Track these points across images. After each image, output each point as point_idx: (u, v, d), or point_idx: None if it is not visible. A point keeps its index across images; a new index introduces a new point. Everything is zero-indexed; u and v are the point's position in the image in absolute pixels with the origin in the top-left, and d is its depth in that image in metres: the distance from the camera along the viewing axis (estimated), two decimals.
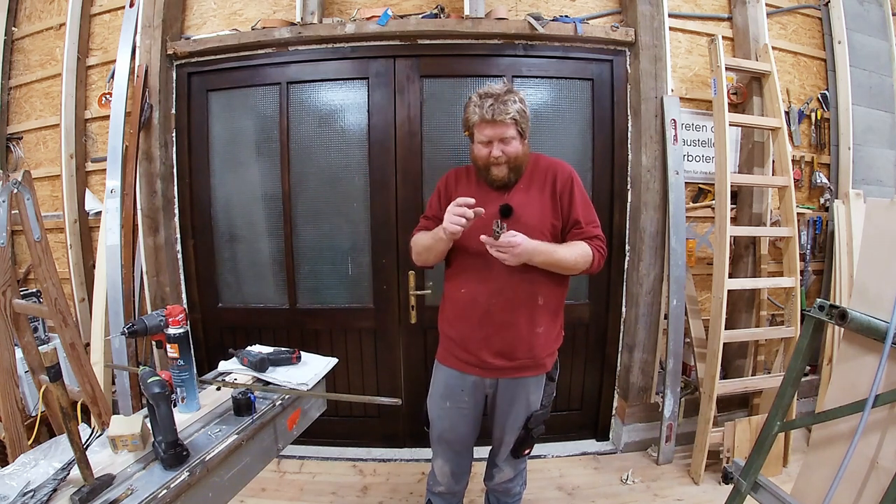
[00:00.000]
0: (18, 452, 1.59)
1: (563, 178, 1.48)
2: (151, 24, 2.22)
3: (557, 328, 1.54)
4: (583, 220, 1.46)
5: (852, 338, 1.20)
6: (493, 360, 1.46)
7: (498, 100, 1.36)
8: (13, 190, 1.58)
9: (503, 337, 1.44)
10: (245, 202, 2.41)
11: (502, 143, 1.39)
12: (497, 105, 1.35)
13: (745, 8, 2.35)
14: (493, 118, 1.36)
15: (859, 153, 2.52)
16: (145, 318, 1.25)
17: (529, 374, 1.49)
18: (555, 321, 1.52)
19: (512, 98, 1.37)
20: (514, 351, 1.45)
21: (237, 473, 1.16)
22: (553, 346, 1.53)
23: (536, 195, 1.46)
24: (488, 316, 1.44)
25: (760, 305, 2.48)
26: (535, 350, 1.47)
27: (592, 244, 1.45)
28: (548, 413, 1.56)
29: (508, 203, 1.43)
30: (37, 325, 2.28)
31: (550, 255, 1.37)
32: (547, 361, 1.51)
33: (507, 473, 1.63)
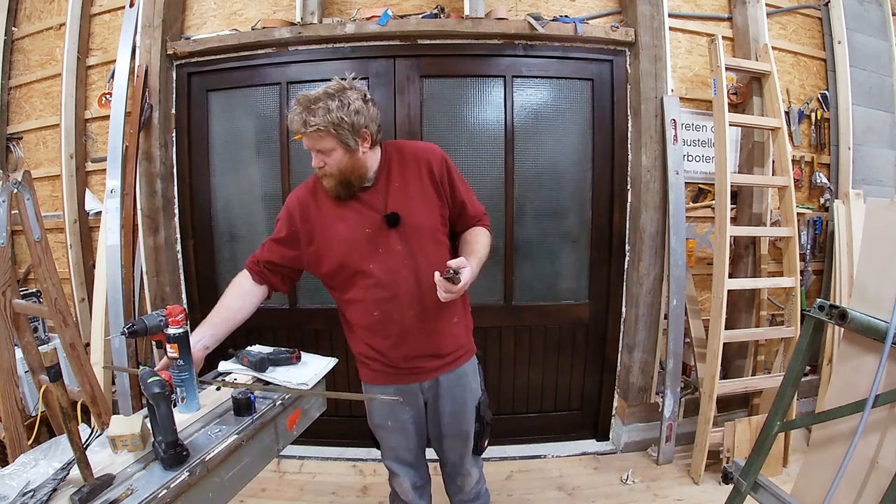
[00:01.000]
0: (18, 452, 1.59)
1: (438, 162, 1.35)
2: (151, 24, 2.22)
3: (466, 307, 1.50)
4: (468, 202, 1.41)
5: (852, 338, 1.20)
6: (425, 363, 1.40)
7: (308, 108, 1.18)
8: (13, 190, 1.58)
9: (428, 341, 1.38)
10: (245, 202, 2.41)
11: (321, 154, 1.23)
12: (305, 114, 1.18)
13: (745, 8, 2.35)
14: (299, 129, 1.20)
15: (859, 153, 2.52)
16: (145, 318, 1.25)
17: (464, 362, 1.46)
18: (464, 306, 1.48)
19: (327, 104, 1.18)
20: (441, 348, 1.40)
21: (237, 473, 1.16)
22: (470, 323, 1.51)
23: (416, 190, 1.32)
24: (408, 330, 1.35)
25: (760, 305, 2.48)
26: (459, 339, 1.44)
27: (483, 223, 1.44)
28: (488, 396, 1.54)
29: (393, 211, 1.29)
30: (37, 325, 2.28)
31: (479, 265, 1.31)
32: (471, 344, 1.50)
33: (473, 475, 1.56)
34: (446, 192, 1.36)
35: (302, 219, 1.37)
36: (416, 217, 1.31)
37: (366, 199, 1.32)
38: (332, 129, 1.18)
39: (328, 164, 1.24)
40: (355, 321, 1.43)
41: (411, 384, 1.43)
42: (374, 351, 1.41)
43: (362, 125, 1.23)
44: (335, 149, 1.22)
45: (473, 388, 1.48)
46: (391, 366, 1.41)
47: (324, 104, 1.18)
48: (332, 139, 1.20)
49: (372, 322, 1.37)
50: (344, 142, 1.21)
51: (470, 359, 1.49)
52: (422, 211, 1.32)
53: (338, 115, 1.18)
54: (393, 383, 1.43)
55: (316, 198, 1.37)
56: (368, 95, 1.28)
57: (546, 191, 2.33)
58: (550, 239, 2.38)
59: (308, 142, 1.23)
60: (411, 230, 1.30)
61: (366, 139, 1.25)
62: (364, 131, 1.24)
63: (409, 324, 1.34)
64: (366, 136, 1.25)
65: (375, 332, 1.38)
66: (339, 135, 1.20)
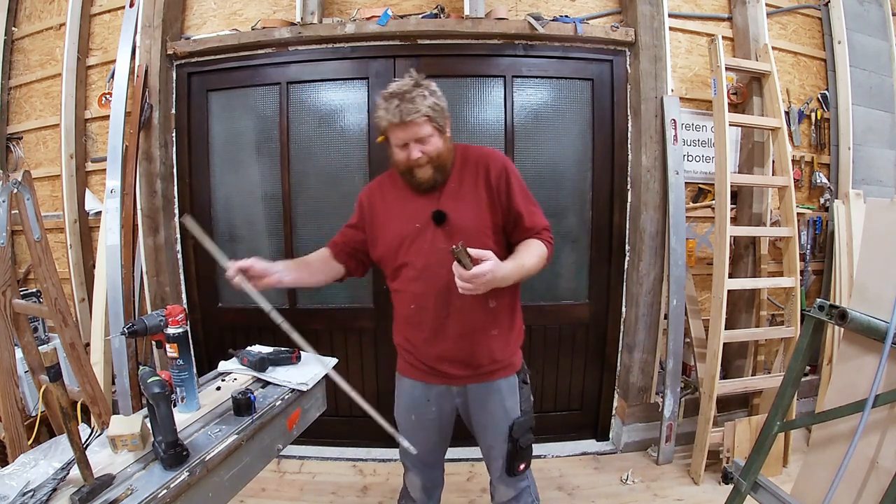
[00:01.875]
0: (18, 452, 1.59)
1: (497, 168, 1.34)
2: (151, 24, 2.22)
3: (515, 327, 1.44)
4: (525, 214, 1.34)
5: (852, 338, 1.20)
6: (454, 370, 1.39)
7: (404, 99, 1.22)
8: (13, 190, 1.58)
9: (460, 347, 1.36)
10: (245, 202, 2.41)
11: (420, 144, 1.26)
12: (404, 105, 1.22)
13: (745, 8, 2.35)
14: (403, 120, 1.22)
15: (859, 153, 2.52)
16: (145, 318, 1.25)
17: (498, 377, 1.40)
18: (511, 320, 1.42)
19: (420, 93, 1.23)
20: (474, 358, 1.37)
21: (237, 473, 1.16)
22: (514, 345, 1.44)
23: (470, 193, 1.33)
24: (442, 329, 1.35)
25: (760, 305, 2.48)
26: (494, 354, 1.38)
27: (542, 238, 1.34)
28: (531, 420, 1.44)
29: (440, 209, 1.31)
30: (37, 325, 2.28)
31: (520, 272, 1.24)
32: (512, 362, 1.42)
33: (503, 492, 1.51)
34: (502, 199, 1.33)
35: (369, 206, 1.45)
36: (464, 219, 1.31)
37: (423, 195, 1.35)
38: (430, 114, 1.24)
39: (427, 151, 1.27)
40: (397, 311, 1.46)
41: (440, 385, 1.43)
42: (409, 343, 1.43)
43: (446, 108, 1.30)
44: (433, 134, 1.27)
45: (507, 407, 1.41)
46: (422, 362, 1.42)
47: (418, 94, 1.23)
48: (430, 125, 1.25)
49: (409, 314, 1.40)
50: (439, 125, 1.27)
51: (506, 376, 1.41)
52: (470, 213, 1.32)
53: (431, 100, 1.24)
54: (423, 380, 1.44)
55: (383, 189, 1.45)
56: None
57: (546, 191, 2.33)
58: None
59: (407, 133, 1.24)
60: (457, 230, 1.29)
61: (448, 122, 1.32)
62: (447, 115, 1.31)
63: (442, 324, 1.35)
64: (448, 120, 1.32)
65: (412, 324, 1.41)
66: (435, 119, 1.25)
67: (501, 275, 1.16)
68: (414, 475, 1.56)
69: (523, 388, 1.44)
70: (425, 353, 1.40)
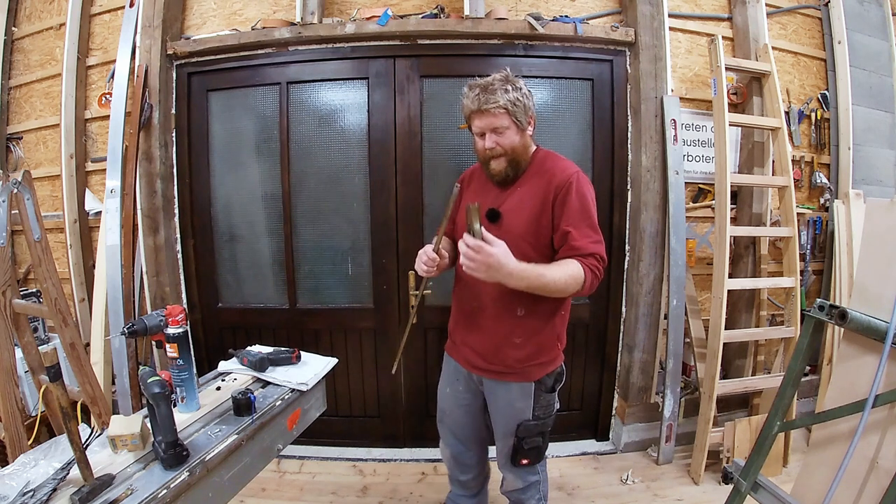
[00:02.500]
0: (18, 452, 1.59)
1: (561, 181, 1.32)
2: (151, 24, 2.22)
3: (545, 340, 1.43)
4: (574, 233, 1.30)
5: (852, 338, 1.20)
6: (474, 358, 1.49)
7: (487, 89, 1.30)
8: (13, 190, 1.58)
9: (482, 340, 1.45)
10: (245, 202, 2.41)
11: (495, 134, 1.33)
12: (484, 94, 1.30)
13: (745, 8, 2.35)
14: (480, 108, 1.30)
15: (859, 153, 2.52)
16: (145, 318, 1.25)
17: (510, 380, 1.44)
18: (539, 333, 1.41)
19: (504, 87, 1.30)
20: (491, 355, 1.44)
21: (237, 473, 1.16)
22: (537, 359, 1.42)
23: (528, 198, 1.36)
24: (472, 318, 1.46)
25: (760, 305, 2.48)
26: (509, 360, 1.41)
27: (585, 262, 1.28)
28: (545, 426, 1.46)
29: (496, 207, 1.37)
30: (37, 325, 2.28)
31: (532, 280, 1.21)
32: (530, 371, 1.42)
33: (511, 481, 1.58)
34: (556, 214, 1.33)
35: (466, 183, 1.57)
36: (514, 222, 1.36)
37: (497, 188, 1.43)
38: (509, 107, 1.30)
39: (501, 143, 1.34)
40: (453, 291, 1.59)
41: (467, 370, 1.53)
42: (452, 323, 1.59)
43: (531, 107, 1.36)
44: (509, 127, 1.32)
45: (517, 408, 1.45)
46: (455, 343, 1.56)
47: (500, 86, 1.30)
48: (508, 117, 1.31)
49: (454, 296, 1.56)
50: (518, 120, 1.32)
51: (519, 381, 1.43)
52: (520, 218, 1.35)
53: (514, 94, 1.30)
54: (452, 357, 1.59)
55: (473, 174, 1.57)
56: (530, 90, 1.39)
57: None
58: None
59: (484, 121, 1.32)
60: (505, 231, 1.32)
61: (531, 122, 1.38)
62: (531, 115, 1.37)
63: (473, 314, 1.46)
64: (532, 119, 1.38)
65: (455, 307, 1.57)
66: (514, 113, 1.31)
67: (507, 267, 1.16)
68: (444, 445, 1.72)
69: (542, 397, 1.44)
70: (457, 335, 1.56)
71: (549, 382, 1.46)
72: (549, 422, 1.48)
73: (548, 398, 1.46)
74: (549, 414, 1.47)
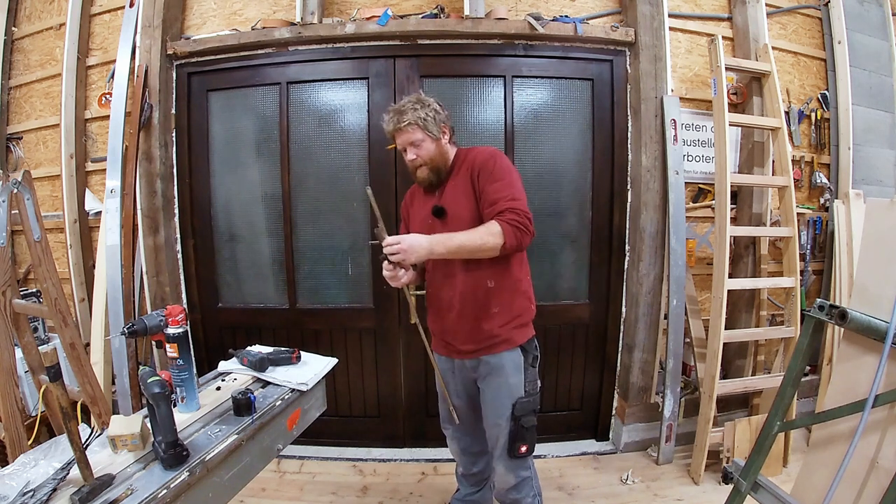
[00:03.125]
0: (18, 452, 1.59)
1: (480, 160, 1.48)
2: (151, 24, 2.22)
3: (519, 301, 1.54)
4: (491, 194, 1.43)
5: (852, 338, 1.20)
6: (463, 346, 1.55)
7: (399, 111, 1.50)
8: (13, 190, 1.58)
9: (463, 323, 1.52)
10: (245, 202, 2.41)
11: (413, 147, 1.50)
12: (397, 115, 1.49)
13: (744, 8, 2.35)
14: (396, 127, 1.50)
15: (859, 153, 2.52)
16: (145, 318, 1.25)
17: (501, 350, 1.51)
18: (513, 296, 1.52)
19: (413, 107, 1.48)
20: (478, 334, 1.51)
21: (237, 473, 1.16)
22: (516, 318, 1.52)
23: (461, 186, 1.50)
24: (449, 308, 1.54)
25: (760, 305, 2.48)
26: (495, 329, 1.50)
27: (502, 218, 1.39)
28: (535, 402, 1.54)
29: (439, 204, 1.51)
30: (37, 325, 2.28)
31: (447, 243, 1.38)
32: (514, 335, 1.51)
33: (504, 477, 1.57)
34: (478, 187, 1.47)
35: (407, 207, 1.73)
36: (458, 211, 1.48)
37: (430, 194, 1.58)
38: (419, 122, 1.48)
39: (420, 154, 1.50)
40: (426, 292, 1.68)
41: (453, 359, 1.61)
42: (433, 323, 1.66)
43: (442, 120, 1.52)
44: (424, 140, 1.49)
45: (512, 384, 1.51)
46: (442, 339, 1.62)
47: (410, 107, 1.49)
48: (421, 131, 1.48)
49: (430, 295, 1.64)
50: (430, 132, 1.49)
51: (509, 349, 1.51)
52: (461, 205, 1.48)
53: (422, 112, 1.49)
54: (447, 355, 1.64)
55: (413, 192, 1.72)
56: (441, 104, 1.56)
57: (546, 191, 2.33)
58: (550, 239, 2.37)
59: (402, 138, 1.51)
60: (455, 222, 1.47)
61: (445, 132, 1.54)
62: (443, 125, 1.53)
63: (450, 303, 1.54)
64: (445, 129, 1.54)
65: (432, 306, 1.64)
66: (426, 127, 1.48)
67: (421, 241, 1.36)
68: (450, 440, 1.79)
69: (529, 370, 1.53)
70: (434, 329, 1.64)
71: (531, 350, 1.54)
72: (537, 399, 1.55)
73: (533, 373, 1.54)
74: (536, 390, 1.55)
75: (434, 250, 1.37)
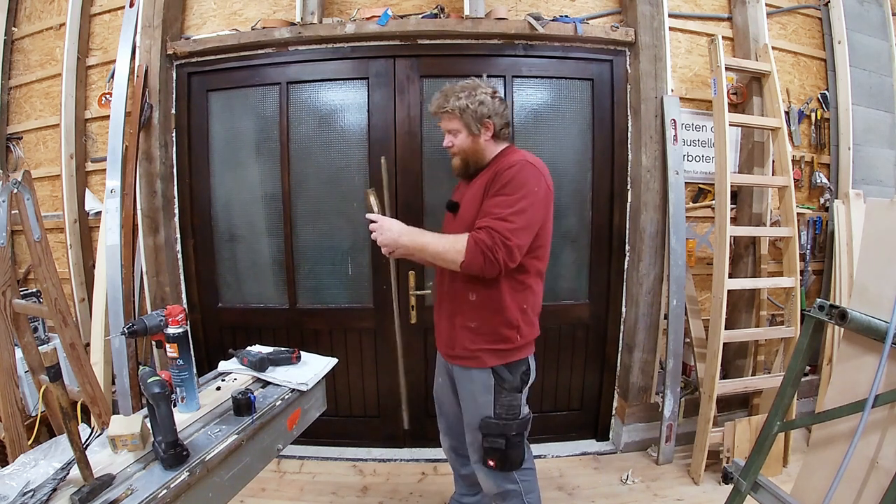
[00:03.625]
0: (18, 452, 1.59)
1: (503, 167, 1.36)
2: (151, 24, 2.22)
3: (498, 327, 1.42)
4: (488, 206, 1.33)
5: (852, 338, 1.20)
6: (441, 345, 1.58)
7: (444, 94, 1.46)
8: (13, 190, 1.58)
9: (445, 327, 1.53)
10: (245, 202, 2.41)
11: (450, 135, 1.47)
12: (441, 98, 1.46)
13: (744, 8, 2.35)
14: (435, 110, 1.48)
15: (859, 153, 2.52)
16: (145, 318, 1.25)
17: (469, 365, 1.46)
18: (491, 318, 1.41)
19: (459, 94, 1.42)
20: (452, 340, 1.50)
21: (237, 473, 1.16)
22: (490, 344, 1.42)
23: (478, 188, 1.42)
24: (439, 307, 1.57)
25: (760, 305, 2.48)
26: (466, 342, 1.45)
27: (476, 235, 1.29)
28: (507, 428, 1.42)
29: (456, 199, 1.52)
30: (37, 325, 2.28)
31: (416, 238, 1.38)
32: (483, 357, 1.43)
33: (485, 484, 1.55)
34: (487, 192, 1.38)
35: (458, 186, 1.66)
36: (466, 211, 1.44)
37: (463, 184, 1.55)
38: (457, 112, 1.42)
39: (455, 143, 1.47)
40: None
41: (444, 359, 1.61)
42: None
43: (485, 115, 1.43)
44: (461, 130, 1.44)
45: (479, 402, 1.45)
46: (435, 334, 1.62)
47: (457, 93, 1.43)
48: (458, 122, 1.44)
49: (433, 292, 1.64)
50: (468, 125, 1.43)
51: (478, 367, 1.44)
52: (471, 208, 1.42)
53: (465, 101, 1.41)
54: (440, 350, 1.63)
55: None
56: (498, 93, 1.49)
57: None
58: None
59: (442, 123, 1.49)
60: (460, 220, 1.46)
61: (489, 128, 1.45)
62: (487, 121, 1.44)
63: (439, 301, 1.57)
64: (489, 125, 1.44)
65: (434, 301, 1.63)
66: (464, 118, 1.42)
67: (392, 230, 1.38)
68: (441, 434, 1.78)
69: (502, 394, 1.43)
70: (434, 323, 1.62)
71: (507, 376, 1.43)
72: (514, 426, 1.44)
73: (510, 397, 1.43)
74: (513, 416, 1.43)
75: (401, 241, 1.38)
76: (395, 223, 1.40)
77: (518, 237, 1.29)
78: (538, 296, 1.49)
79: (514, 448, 1.45)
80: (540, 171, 1.38)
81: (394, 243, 1.38)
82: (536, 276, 1.46)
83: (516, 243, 1.29)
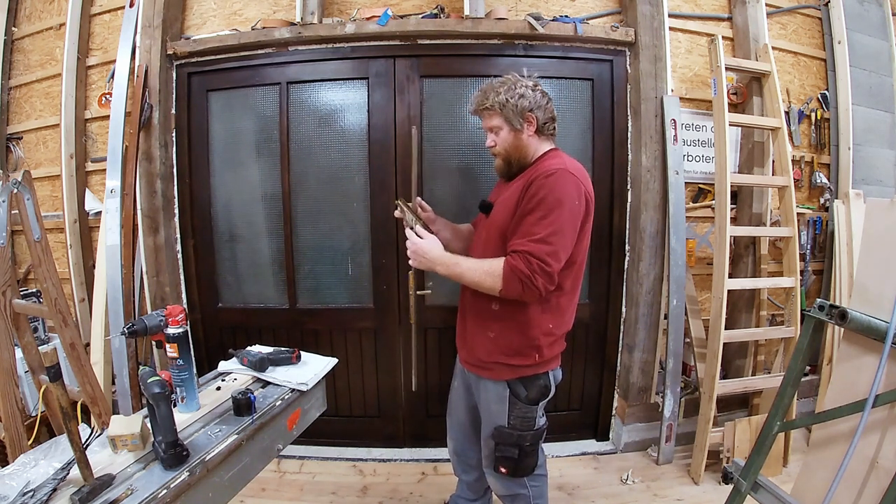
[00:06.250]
0: (18, 452, 1.59)
1: (540, 175, 1.28)
2: (151, 24, 2.22)
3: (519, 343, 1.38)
4: (523, 225, 1.27)
5: (852, 338, 1.20)
6: (461, 351, 1.56)
7: (483, 92, 1.40)
8: (13, 190, 1.58)
9: (465, 333, 1.52)
10: (245, 202, 2.41)
11: (492, 133, 1.42)
12: (480, 96, 1.40)
13: (745, 8, 2.35)
14: (475, 109, 1.42)
15: (859, 153, 2.52)
16: (145, 318, 1.25)
17: (483, 375, 1.46)
18: (512, 333, 1.38)
19: (499, 89, 1.37)
20: (471, 349, 1.49)
21: (237, 473, 1.16)
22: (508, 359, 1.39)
23: (514, 192, 1.35)
24: (462, 312, 1.54)
25: (760, 305, 2.48)
26: (481, 353, 1.44)
27: (511, 261, 1.25)
28: (522, 439, 1.40)
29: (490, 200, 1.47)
30: (37, 325, 2.28)
31: (451, 268, 1.34)
32: (499, 369, 1.41)
33: (495, 486, 1.57)
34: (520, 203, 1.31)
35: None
36: (499, 215, 1.39)
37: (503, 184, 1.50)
38: (497, 108, 1.36)
39: (497, 142, 1.41)
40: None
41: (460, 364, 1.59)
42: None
43: (527, 108, 1.36)
44: (502, 127, 1.39)
45: (493, 411, 1.45)
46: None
47: (496, 88, 1.38)
48: (499, 118, 1.38)
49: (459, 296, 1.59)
50: (509, 121, 1.37)
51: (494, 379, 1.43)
52: (504, 212, 1.37)
53: (505, 96, 1.35)
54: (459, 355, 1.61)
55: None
56: (539, 85, 1.42)
57: None
58: None
59: (483, 121, 1.44)
60: (491, 222, 1.42)
61: (531, 122, 1.38)
62: (529, 115, 1.37)
63: (462, 306, 1.54)
64: (531, 119, 1.38)
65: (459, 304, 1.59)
66: (505, 114, 1.36)
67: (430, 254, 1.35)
68: (448, 438, 1.76)
69: (517, 405, 1.41)
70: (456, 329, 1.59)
71: (521, 391, 1.40)
72: (528, 436, 1.41)
73: (525, 409, 1.40)
74: (528, 427, 1.41)
75: (436, 269, 1.36)
76: (432, 249, 1.36)
77: (557, 259, 1.26)
78: (569, 313, 1.45)
79: (528, 456, 1.44)
80: (580, 181, 1.31)
81: (428, 270, 1.37)
82: (570, 293, 1.41)
83: (556, 268, 1.26)
